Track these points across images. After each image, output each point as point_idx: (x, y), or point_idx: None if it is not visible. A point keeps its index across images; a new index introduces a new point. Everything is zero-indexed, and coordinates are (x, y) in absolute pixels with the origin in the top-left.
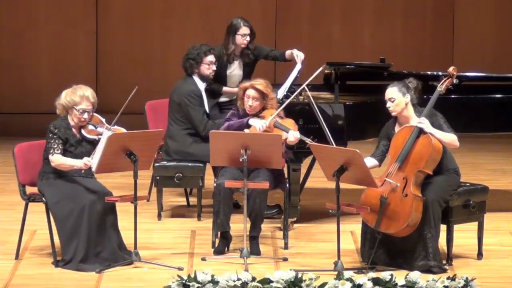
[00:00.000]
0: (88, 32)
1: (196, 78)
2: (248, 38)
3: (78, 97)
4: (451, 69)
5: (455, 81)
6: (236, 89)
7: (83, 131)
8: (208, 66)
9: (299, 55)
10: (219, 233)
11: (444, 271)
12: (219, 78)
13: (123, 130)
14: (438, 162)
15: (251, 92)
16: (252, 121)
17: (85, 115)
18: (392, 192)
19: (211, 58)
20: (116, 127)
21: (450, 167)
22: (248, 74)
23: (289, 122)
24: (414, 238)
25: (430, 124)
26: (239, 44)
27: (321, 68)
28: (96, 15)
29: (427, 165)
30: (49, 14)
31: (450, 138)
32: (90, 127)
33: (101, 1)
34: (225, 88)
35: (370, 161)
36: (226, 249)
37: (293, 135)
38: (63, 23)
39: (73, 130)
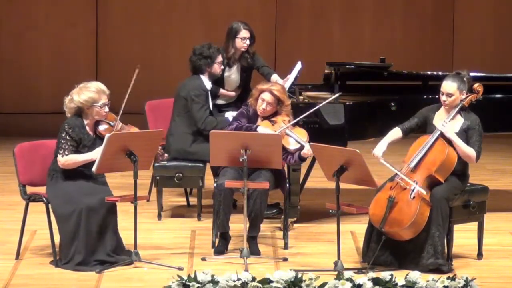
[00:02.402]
0: (88, 32)
1: (204, 77)
2: (248, 42)
3: (95, 94)
4: (476, 85)
5: (479, 97)
6: (232, 93)
7: (99, 129)
8: (220, 65)
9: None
10: (219, 233)
11: (451, 270)
12: (217, 80)
13: (136, 129)
14: (454, 169)
15: (267, 96)
16: (261, 129)
17: (106, 109)
18: (400, 193)
19: (221, 57)
20: (129, 125)
21: (467, 173)
22: (245, 79)
23: (302, 132)
24: (422, 237)
25: (454, 129)
26: (239, 47)
27: (337, 95)
28: (96, 15)
29: (438, 171)
30: (49, 14)
31: (467, 151)
32: (106, 125)
33: (101, 1)
34: (222, 91)
35: (396, 132)
36: (225, 249)
37: (307, 150)
38: (63, 23)
39: (87, 129)
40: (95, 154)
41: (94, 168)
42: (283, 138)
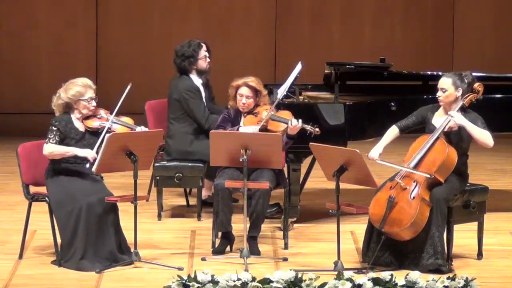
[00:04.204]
0: (88, 32)
1: (192, 76)
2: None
3: (81, 88)
4: (476, 85)
5: (480, 97)
6: None
7: (87, 122)
8: (205, 59)
9: None
10: (219, 233)
11: (451, 270)
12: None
13: (127, 119)
14: (453, 169)
15: (244, 90)
16: (244, 130)
17: (94, 103)
18: (400, 193)
19: (204, 51)
20: (121, 117)
21: (466, 173)
22: (210, 98)
23: (286, 113)
24: (422, 238)
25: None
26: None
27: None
28: (96, 15)
29: (438, 171)
30: (49, 14)
31: (483, 133)
32: (95, 119)
33: (101, 1)
34: None
35: (392, 130)
36: (229, 249)
37: (292, 123)
38: (63, 23)
39: (75, 124)
40: (78, 150)
41: (94, 168)
42: (269, 125)
